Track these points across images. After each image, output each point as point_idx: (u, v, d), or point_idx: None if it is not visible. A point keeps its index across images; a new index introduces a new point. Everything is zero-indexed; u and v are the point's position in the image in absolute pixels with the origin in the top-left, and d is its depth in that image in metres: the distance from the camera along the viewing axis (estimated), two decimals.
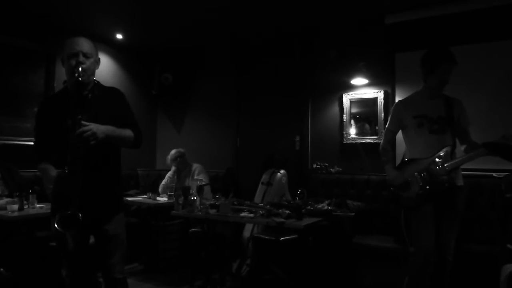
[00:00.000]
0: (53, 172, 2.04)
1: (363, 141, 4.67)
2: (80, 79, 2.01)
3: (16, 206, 3.41)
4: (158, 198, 4.67)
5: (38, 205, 3.69)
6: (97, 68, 2.24)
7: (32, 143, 2.34)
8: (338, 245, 3.88)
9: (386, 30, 4.43)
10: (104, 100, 2.20)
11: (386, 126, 3.06)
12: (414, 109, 2.86)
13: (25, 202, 3.55)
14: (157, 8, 4.36)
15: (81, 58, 2.10)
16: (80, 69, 2.05)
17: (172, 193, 4.57)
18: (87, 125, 1.95)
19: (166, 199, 4.64)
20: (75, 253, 2.03)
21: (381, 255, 3.63)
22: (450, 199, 2.75)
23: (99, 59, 2.25)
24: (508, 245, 2.83)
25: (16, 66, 4.50)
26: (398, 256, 3.40)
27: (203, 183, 4.07)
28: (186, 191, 3.79)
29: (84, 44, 2.15)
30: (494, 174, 3.68)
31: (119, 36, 5.25)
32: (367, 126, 4.71)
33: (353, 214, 3.76)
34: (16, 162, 4.16)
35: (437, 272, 2.72)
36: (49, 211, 3.53)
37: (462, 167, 2.84)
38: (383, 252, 3.62)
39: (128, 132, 2.22)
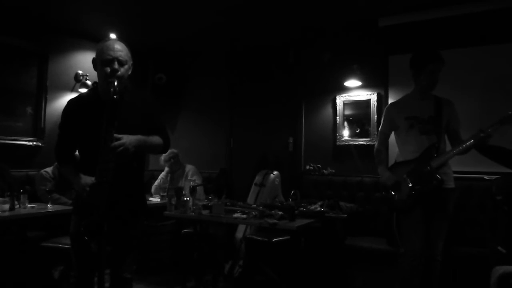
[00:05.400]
0: (87, 179, 2.00)
1: (356, 143, 4.69)
2: (115, 96, 1.93)
3: (7, 206, 3.39)
4: (150, 199, 4.67)
5: (29, 205, 3.67)
6: (129, 73, 2.18)
7: (24, 142, 2.31)
8: (330, 246, 3.88)
9: (379, 33, 4.45)
10: (133, 106, 2.16)
11: (380, 128, 3.10)
12: (405, 110, 2.91)
13: (16, 202, 3.52)
14: (153, 8, 4.35)
15: (116, 66, 2.06)
16: (116, 83, 1.98)
17: (165, 194, 4.56)
18: (119, 138, 1.92)
19: (159, 199, 4.63)
20: (98, 256, 1.98)
21: (373, 257, 3.64)
22: (440, 201, 2.78)
23: (132, 63, 2.20)
24: (499, 247, 2.85)
25: (8, 64, 4.44)
26: (390, 258, 3.41)
27: (196, 183, 4.07)
28: (179, 192, 3.79)
29: (119, 50, 2.10)
30: (486, 177, 3.71)
31: (113, 36, 5.23)
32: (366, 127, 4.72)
33: (346, 215, 3.78)
34: (7, 161, 4.12)
35: (426, 273, 2.75)
36: (40, 211, 3.57)
37: (453, 169, 2.87)
38: (375, 254, 3.64)
39: (157, 140, 2.21)
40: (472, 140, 2.64)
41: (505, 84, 3.90)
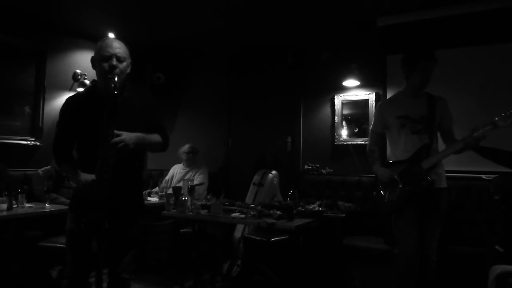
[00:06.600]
0: (87, 176, 2.01)
1: (354, 143, 4.69)
2: (115, 92, 1.93)
3: (4, 206, 3.37)
4: (149, 198, 4.66)
5: (27, 205, 3.66)
6: (128, 72, 2.17)
7: (22, 142, 2.30)
8: (329, 246, 3.89)
9: (378, 33, 4.45)
10: (133, 103, 2.16)
11: (371, 127, 3.08)
12: (397, 109, 2.87)
13: (14, 201, 3.51)
14: (151, 8, 4.34)
15: (115, 62, 2.06)
16: (116, 78, 1.98)
17: (163, 193, 4.55)
18: (119, 135, 1.92)
19: (157, 199, 4.63)
20: (98, 254, 1.98)
21: (372, 256, 3.64)
22: (432, 201, 2.76)
23: (131, 62, 2.19)
24: (496, 247, 2.86)
25: (6, 63, 4.42)
26: (388, 257, 3.42)
27: (197, 182, 4.06)
28: (177, 191, 3.78)
29: (118, 47, 2.11)
30: (483, 176, 3.71)
31: (111, 35, 5.21)
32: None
33: (344, 215, 3.78)
34: (5, 161, 4.10)
35: (422, 273, 2.74)
36: (38, 210, 3.56)
37: (451, 169, 2.86)
38: (373, 253, 3.64)
39: (156, 138, 2.22)
40: (462, 145, 2.62)
41: (503, 84, 3.91)
